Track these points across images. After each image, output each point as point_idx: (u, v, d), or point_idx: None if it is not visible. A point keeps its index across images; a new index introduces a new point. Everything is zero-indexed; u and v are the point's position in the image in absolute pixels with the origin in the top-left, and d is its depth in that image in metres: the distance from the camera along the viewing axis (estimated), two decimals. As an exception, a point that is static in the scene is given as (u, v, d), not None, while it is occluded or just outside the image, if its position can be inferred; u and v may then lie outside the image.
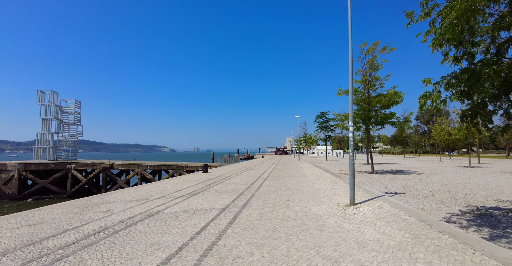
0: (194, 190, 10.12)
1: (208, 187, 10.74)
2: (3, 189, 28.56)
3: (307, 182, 11.82)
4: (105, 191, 30.01)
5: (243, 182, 12.15)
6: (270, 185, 11.02)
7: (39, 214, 6.54)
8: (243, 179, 13.48)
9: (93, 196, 9.12)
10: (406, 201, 7.41)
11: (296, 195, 8.35)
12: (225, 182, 12.32)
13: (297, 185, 10.74)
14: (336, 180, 12.20)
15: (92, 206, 7.37)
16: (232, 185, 11.30)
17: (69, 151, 34.13)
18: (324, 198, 7.79)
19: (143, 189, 10.80)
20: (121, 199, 8.41)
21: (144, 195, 9.23)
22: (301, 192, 8.92)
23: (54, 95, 33.01)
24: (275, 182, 12.04)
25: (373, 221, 5.11)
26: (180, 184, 11.98)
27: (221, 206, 7.02)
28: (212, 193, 9.15)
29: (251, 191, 9.44)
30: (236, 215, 5.90)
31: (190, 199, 8.10)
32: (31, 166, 29.17)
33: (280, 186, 10.52)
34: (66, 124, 34.96)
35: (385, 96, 15.41)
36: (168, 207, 6.98)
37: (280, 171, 18.10)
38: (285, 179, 13.29)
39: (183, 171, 30.10)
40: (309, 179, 12.83)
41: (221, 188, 10.34)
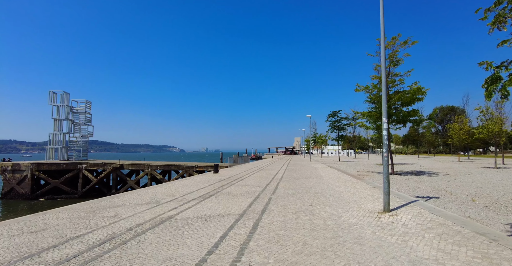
0: (207, 192, 9.54)
1: (220, 189, 10.15)
2: (16, 189, 28.86)
3: (326, 184, 11.07)
4: (115, 191, 29.94)
5: (257, 184, 11.51)
6: (286, 187, 10.33)
7: (43, 219, 6.07)
8: (256, 181, 12.84)
9: (102, 199, 8.66)
10: (446, 207, 6.60)
11: (319, 200, 7.64)
12: (238, 184, 11.71)
13: (316, 188, 10.01)
14: (358, 182, 11.40)
15: (99, 210, 6.87)
16: (246, 187, 10.67)
17: (80, 151, 34.31)
18: (350, 203, 7.05)
19: (153, 191, 10.30)
20: (130, 202, 7.90)
21: (154, 197, 8.71)
22: (323, 196, 8.20)
23: (66, 96, 33.24)
24: (291, 184, 11.34)
25: (419, 232, 4.36)
26: (191, 186, 11.44)
27: (238, 211, 6.39)
28: (226, 196, 8.54)
29: (268, 194, 8.78)
30: (256, 223, 5.25)
31: (203, 203, 7.50)
32: (44, 166, 29.39)
33: (298, 189, 9.82)
34: (77, 125, 35.18)
35: (406, 93, 14.48)
36: (180, 212, 6.40)
37: (293, 172, 17.37)
38: (301, 180, 12.58)
39: (193, 171, 29.73)
40: (327, 181, 12.07)
41: (235, 191, 9.72)
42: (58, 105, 32.67)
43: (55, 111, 32.55)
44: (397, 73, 15.97)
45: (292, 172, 17.64)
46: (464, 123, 34.00)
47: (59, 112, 32.72)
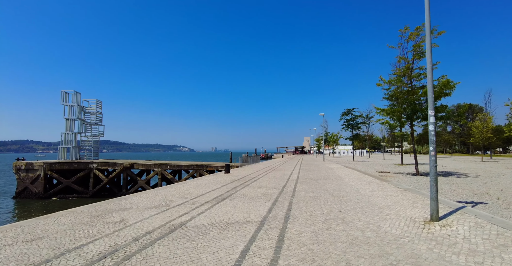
0: (220, 194, 8.83)
1: (234, 191, 9.43)
2: (30, 188, 29.08)
3: (349, 186, 10.18)
4: (125, 191, 29.78)
5: (273, 185, 10.73)
6: (306, 189, 9.50)
7: (43, 225, 5.49)
8: (271, 182, 12.06)
9: (108, 201, 8.08)
10: (503, 215, 5.65)
11: (346, 205, 6.79)
12: (252, 185, 10.96)
13: (339, 190, 9.14)
14: (383, 184, 10.44)
15: (104, 214, 6.26)
16: (261, 189, 9.91)
17: (91, 151, 34.41)
18: (385, 209, 6.17)
19: (163, 192, 9.68)
20: (138, 206, 7.28)
21: (164, 200, 8.07)
22: (350, 200, 7.34)
23: (77, 96, 33.37)
24: (310, 186, 10.50)
25: (493, 251, 3.48)
26: (203, 187, 10.78)
27: (257, 217, 5.63)
28: (241, 199, 7.80)
29: (287, 197, 7.99)
30: (281, 234, 4.48)
31: (217, 207, 6.79)
32: (56, 166, 29.52)
33: (319, 192, 8.98)
34: (89, 124, 35.31)
35: (434, 87, 13.36)
36: (192, 218, 5.70)
37: (309, 173, 16.49)
38: (320, 182, 11.71)
39: (203, 171, 29.23)
40: (349, 183, 11.16)
41: (250, 193, 8.97)
42: (69, 105, 32.82)
43: (67, 111, 32.71)
44: (421, 66, 14.84)
45: (307, 172, 16.75)
46: (488, 121, 32.13)
47: (70, 112, 32.87)
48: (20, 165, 29.38)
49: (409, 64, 14.53)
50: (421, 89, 14.17)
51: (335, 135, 68.85)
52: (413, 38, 14.56)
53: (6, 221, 18.26)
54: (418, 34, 14.38)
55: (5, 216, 19.95)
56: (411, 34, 14.63)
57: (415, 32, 14.43)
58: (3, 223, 16.80)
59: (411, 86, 14.82)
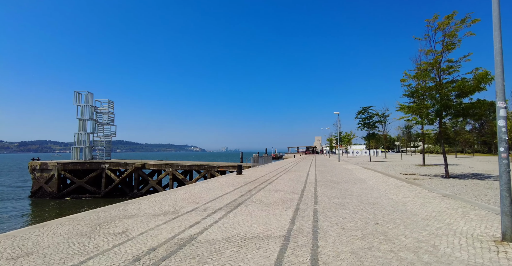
0: (234, 199, 8.04)
1: (249, 195, 8.61)
2: (44, 188, 29.35)
3: (376, 191, 9.16)
4: (137, 191, 29.59)
5: (291, 189, 9.84)
6: (328, 194, 8.57)
7: (37, 235, 4.84)
8: (287, 184, 11.17)
9: (113, 206, 7.44)
10: None
11: (381, 214, 5.84)
12: (267, 188, 10.12)
13: (366, 196, 8.16)
14: (415, 188, 9.37)
15: (106, 223, 5.58)
16: (279, 193, 9.05)
17: (104, 151, 34.50)
18: (430, 221, 5.19)
19: (172, 196, 9.00)
20: (144, 212, 6.58)
21: (173, 205, 7.35)
22: (383, 209, 6.37)
23: (89, 96, 33.51)
24: (332, 190, 9.55)
25: None
26: (215, 190, 10.03)
27: (280, 230, 4.79)
28: (258, 206, 6.97)
29: (309, 204, 7.10)
30: (314, 256, 3.61)
31: (232, 215, 5.99)
32: (69, 166, 29.67)
33: (344, 197, 8.03)
34: (101, 124, 35.44)
35: (466, 80, 12.09)
36: (204, 230, 4.92)
37: (326, 174, 15.49)
38: (341, 185, 10.74)
39: (214, 171, 28.64)
40: (375, 187, 10.14)
41: (267, 197, 8.14)
42: (82, 105, 32.99)
43: (80, 111, 32.89)
44: (449, 59, 13.56)
45: (325, 174, 15.75)
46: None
47: (83, 112, 33.03)
48: (35, 165, 29.71)
49: (438, 56, 13.28)
50: (451, 83, 12.92)
51: (349, 135, 67.09)
52: (442, 27, 13.32)
53: (23, 221, 18.20)
54: (448, 23, 13.13)
55: (22, 217, 19.96)
56: (440, 24, 13.40)
57: (445, 21, 13.19)
58: (16, 224, 16.73)
59: (439, 80, 13.57)
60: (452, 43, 13.02)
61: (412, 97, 21.28)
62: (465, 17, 12.56)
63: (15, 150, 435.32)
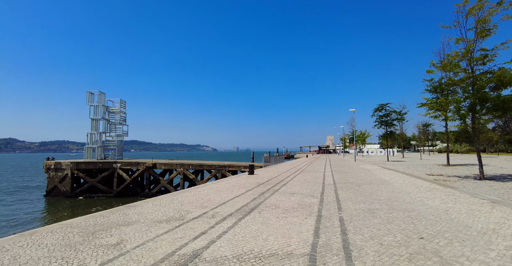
0: (245, 203, 7.23)
1: (262, 199, 7.77)
2: (59, 187, 29.66)
3: (406, 194, 8.11)
4: (148, 191, 29.39)
5: (308, 192, 8.93)
6: (352, 199, 7.60)
7: (20, 247, 4.20)
8: (304, 187, 10.25)
9: (114, 210, 6.79)
10: None
11: (423, 225, 4.85)
12: (282, 191, 9.25)
13: (397, 201, 7.14)
14: (453, 192, 8.24)
15: (101, 232, 4.89)
16: (295, 196, 8.16)
17: (116, 151, 34.59)
18: (491, 235, 4.18)
19: (179, 198, 8.29)
20: (146, 218, 5.87)
21: (178, 210, 6.62)
22: (423, 218, 5.37)
23: (102, 96, 33.64)
24: (355, 193, 8.56)
25: None
26: (225, 192, 9.26)
27: (302, 246, 3.92)
28: (274, 212, 6.12)
29: (332, 210, 6.18)
30: (352, 286, 2.73)
31: (243, 224, 5.17)
32: (82, 165, 29.84)
33: (372, 202, 7.05)
34: (113, 124, 35.56)
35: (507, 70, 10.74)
36: (211, 243, 4.12)
37: (345, 175, 14.43)
38: (364, 188, 9.72)
39: (225, 171, 28.01)
40: (403, 189, 9.06)
41: (282, 202, 7.27)
42: (95, 105, 33.15)
43: (92, 111, 33.07)
44: (483, 47, 12.19)
45: (343, 175, 14.69)
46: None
47: (95, 112, 33.20)
48: (49, 165, 30.08)
49: (470, 45, 11.95)
50: (487, 74, 11.58)
51: (363, 133, 65.01)
52: (474, 12, 11.99)
53: (41, 219, 18.17)
54: (481, 7, 11.79)
55: (37, 215, 20.03)
56: (471, 8, 12.08)
57: (476, 5, 11.87)
58: (32, 222, 16.64)
59: (472, 71, 12.23)
60: (487, 29, 11.67)
61: (435, 92, 19.82)
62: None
63: (35, 149, 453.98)
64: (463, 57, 12.01)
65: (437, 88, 18.84)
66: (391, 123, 32.83)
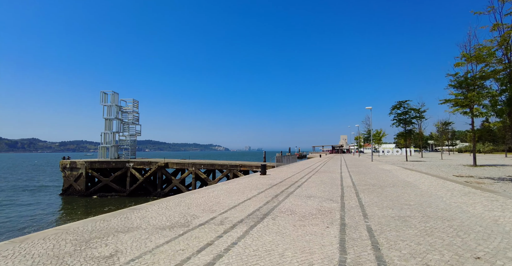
0: (258, 207, 6.56)
1: (276, 202, 7.09)
2: (74, 186, 30.11)
3: (438, 199, 7.19)
4: (160, 190, 29.33)
5: (326, 195, 8.16)
6: (377, 203, 6.78)
7: (4, 257, 3.73)
8: (320, 189, 9.48)
9: (117, 213, 6.31)
10: None
11: (472, 239, 4.02)
12: (297, 193, 8.52)
13: (430, 206, 6.26)
14: (494, 196, 7.25)
15: (96, 240, 4.37)
16: (312, 200, 7.41)
17: (129, 150, 34.83)
18: None
19: (187, 200, 7.74)
20: (148, 223, 5.33)
21: (185, 214, 6.05)
22: (470, 229, 4.52)
23: (115, 96, 33.95)
24: (379, 197, 7.72)
25: None
26: (236, 194, 8.64)
27: (327, 264, 3.21)
28: (289, 219, 5.43)
29: (357, 217, 5.41)
30: None
31: (255, 233, 4.51)
32: (96, 165, 30.16)
33: (401, 208, 6.20)
34: (126, 124, 35.84)
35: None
36: (217, 258, 3.49)
37: (363, 176, 13.49)
38: (388, 190, 8.83)
39: (237, 171, 27.50)
40: (433, 193, 8.12)
41: (299, 206, 6.55)
42: (108, 105, 33.50)
43: (106, 111, 33.43)
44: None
45: (361, 176, 13.75)
46: None
47: (109, 112, 33.54)
48: (65, 164, 30.59)
49: (508, 31, 10.74)
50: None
51: (379, 132, 62.85)
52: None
53: (55, 218, 18.30)
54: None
55: (52, 214, 20.24)
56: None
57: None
58: (48, 219, 16.66)
59: (509, 62, 11.01)
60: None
61: (460, 88, 18.41)
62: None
63: (56, 149, 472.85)
64: (499, 45, 10.81)
65: (463, 83, 17.49)
66: (409, 121, 31.24)
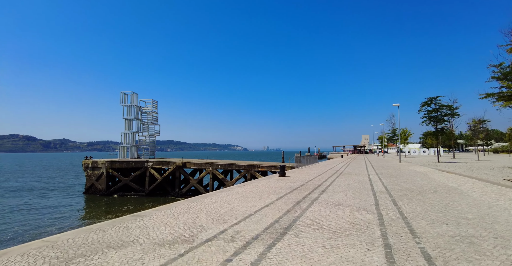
0: (277, 217, 5.56)
1: (299, 211, 6.04)
2: (96, 185, 30.72)
3: (504, 211, 5.78)
4: (178, 190, 29.12)
5: (357, 203, 6.97)
6: (423, 215, 5.52)
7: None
8: (349, 194, 8.27)
9: (117, 221, 5.58)
10: None
11: None
12: (323, 200, 7.40)
13: (498, 222, 4.92)
14: None
15: (79, 259, 3.58)
16: (342, 209, 6.28)
17: (148, 150, 35.08)
18: None
19: (198, 206, 6.91)
20: (147, 236, 4.51)
21: (191, 224, 5.19)
22: None
23: (134, 96, 34.33)
24: (422, 205, 6.42)
25: None
26: (252, 199, 7.69)
27: None
28: (317, 236, 4.37)
29: (402, 236, 4.24)
30: None
31: (274, 257, 3.52)
32: (116, 164, 30.56)
33: (458, 224, 4.92)
34: (145, 124, 36.16)
35: None
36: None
37: (395, 179, 12.03)
38: (430, 197, 7.46)
39: (255, 171, 26.60)
40: (491, 202, 6.67)
41: (326, 218, 5.46)
42: (128, 105, 33.93)
43: (126, 111, 33.87)
44: None
45: (393, 179, 12.29)
46: None
47: (129, 112, 33.95)
48: (87, 163, 31.30)
49: None
50: None
51: (405, 131, 59.36)
52: None
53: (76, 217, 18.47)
54: None
55: (75, 213, 20.59)
56: None
57: None
58: (71, 218, 16.77)
59: None
60: None
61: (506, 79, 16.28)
62: None
63: (84, 149, 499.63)
64: None
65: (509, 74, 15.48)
66: (441, 118, 28.67)
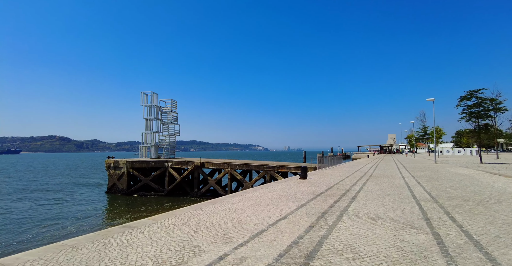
0: (295, 237, 4.29)
1: (325, 228, 4.72)
2: (117, 184, 31.11)
3: None
4: (197, 190, 28.61)
5: (400, 215, 5.49)
6: (501, 238, 3.97)
7: None
8: (387, 204, 6.76)
9: (100, 235, 4.62)
10: None
11: None
12: (354, 211, 5.99)
13: None
14: None
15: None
16: (381, 225, 4.85)
17: (168, 150, 35.06)
18: None
19: (201, 216, 5.82)
20: (125, 260, 3.46)
21: (185, 243, 4.07)
22: None
23: (154, 96, 34.44)
24: (492, 223, 4.82)
25: None
26: (267, 207, 6.46)
27: None
28: (352, 268, 3.06)
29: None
30: None
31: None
32: (136, 164, 30.74)
33: None
34: (165, 124, 36.21)
35: None
36: None
37: (438, 184, 10.18)
38: (496, 209, 5.77)
39: (274, 172, 25.29)
40: None
41: (363, 240, 4.10)
42: (148, 105, 34.11)
43: (146, 111, 34.08)
44: None
45: (434, 183, 10.44)
46: None
47: (149, 112, 34.13)
48: (109, 163, 31.82)
49: None
50: None
51: (439, 129, 54.86)
52: None
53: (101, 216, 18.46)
54: None
55: (97, 212, 20.79)
56: None
57: None
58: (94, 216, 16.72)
59: None
60: None
61: None
62: None
63: (113, 149, 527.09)
64: None
65: None
66: (485, 114, 25.45)
